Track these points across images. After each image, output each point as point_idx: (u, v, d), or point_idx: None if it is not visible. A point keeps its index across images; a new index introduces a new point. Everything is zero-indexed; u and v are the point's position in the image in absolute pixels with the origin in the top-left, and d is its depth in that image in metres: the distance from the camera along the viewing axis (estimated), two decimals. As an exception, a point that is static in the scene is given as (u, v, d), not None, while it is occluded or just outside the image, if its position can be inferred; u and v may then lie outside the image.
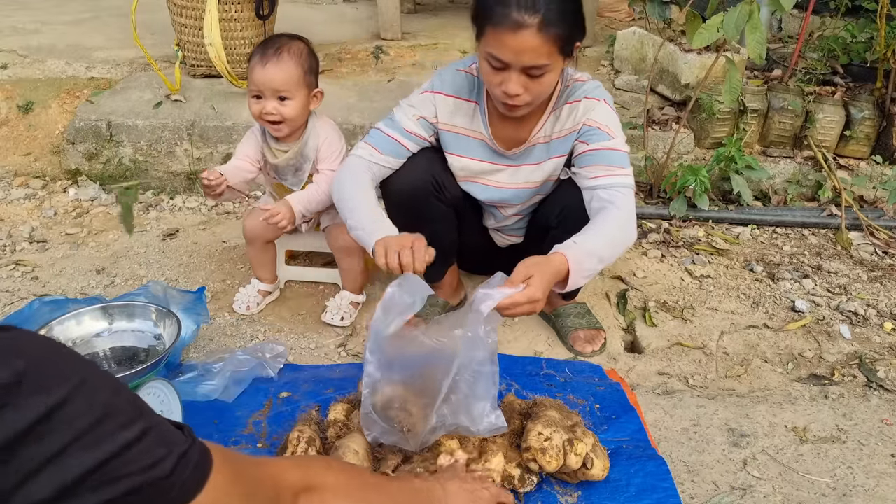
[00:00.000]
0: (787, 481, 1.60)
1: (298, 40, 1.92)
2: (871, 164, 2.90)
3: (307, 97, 1.93)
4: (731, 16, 2.16)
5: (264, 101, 1.88)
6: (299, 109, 1.91)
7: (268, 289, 2.21)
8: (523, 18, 1.47)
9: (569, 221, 1.79)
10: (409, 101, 1.83)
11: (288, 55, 1.86)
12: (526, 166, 1.85)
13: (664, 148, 2.79)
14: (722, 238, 2.66)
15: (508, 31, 1.48)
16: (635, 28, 3.32)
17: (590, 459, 1.46)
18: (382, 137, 1.80)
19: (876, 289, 2.38)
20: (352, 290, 2.16)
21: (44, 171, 2.98)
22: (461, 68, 1.81)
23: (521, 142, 1.82)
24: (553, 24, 1.48)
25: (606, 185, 1.69)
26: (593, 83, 1.77)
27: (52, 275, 2.35)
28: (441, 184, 1.84)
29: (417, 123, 1.80)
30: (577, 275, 1.50)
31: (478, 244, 2.12)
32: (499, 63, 1.55)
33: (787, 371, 1.99)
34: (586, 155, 1.74)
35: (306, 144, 1.98)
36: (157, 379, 1.56)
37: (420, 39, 3.90)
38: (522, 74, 1.55)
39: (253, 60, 1.88)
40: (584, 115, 1.73)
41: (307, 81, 1.90)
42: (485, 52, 1.57)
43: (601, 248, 1.58)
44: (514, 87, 1.56)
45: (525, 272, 1.43)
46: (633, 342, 2.13)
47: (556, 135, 1.78)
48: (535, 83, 1.57)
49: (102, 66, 3.35)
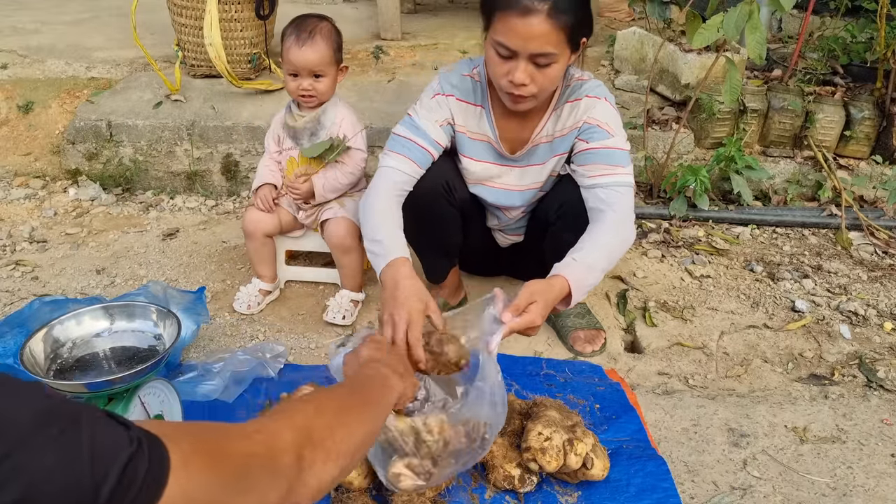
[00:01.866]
0: (787, 481, 1.60)
1: (326, 20, 2.05)
2: (871, 164, 2.90)
3: (336, 74, 2.08)
4: (731, 16, 2.16)
5: (300, 78, 2.03)
6: (330, 84, 2.07)
7: (268, 287, 2.22)
8: (533, 3, 1.47)
9: (568, 217, 1.80)
10: (425, 107, 1.80)
11: (320, 36, 1.99)
12: (532, 167, 1.85)
13: (664, 148, 2.79)
14: (722, 238, 2.66)
15: (518, 15, 1.49)
16: (635, 28, 3.32)
17: (590, 459, 1.46)
18: (414, 148, 1.76)
19: (876, 289, 2.38)
20: (351, 288, 2.16)
21: (44, 171, 2.98)
22: (466, 72, 1.80)
23: (525, 142, 1.82)
24: (562, 12, 1.49)
25: (605, 184, 1.69)
26: (594, 82, 1.77)
27: (52, 275, 2.35)
28: (451, 186, 1.85)
29: (441, 130, 1.79)
30: (578, 292, 1.53)
31: (480, 244, 2.12)
32: (506, 51, 1.54)
33: (787, 371, 1.99)
34: (586, 153, 1.74)
35: (324, 112, 2.10)
36: (157, 379, 1.55)
37: (420, 39, 3.90)
38: (530, 63, 1.55)
39: (288, 42, 2.01)
40: (584, 113, 1.73)
41: (336, 59, 2.06)
42: (492, 41, 1.56)
43: (601, 260, 1.59)
44: (520, 76, 1.55)
45: (528, 298, 1.45)
46: (633, 342, 2.13)
47: (558, 133, 1.79)
48: (541, 74, 1.57)
49: (102, 66, 3.35)
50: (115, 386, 1.44)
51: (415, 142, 1.76)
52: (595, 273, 1.57)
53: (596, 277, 1.58)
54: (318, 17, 2.05)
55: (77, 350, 1.59)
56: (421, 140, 1.77)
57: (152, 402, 1.53)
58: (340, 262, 2.14)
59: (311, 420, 0.91)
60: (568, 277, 1.51)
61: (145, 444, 0.65)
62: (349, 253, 2.10)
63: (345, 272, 2.15)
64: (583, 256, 1.55)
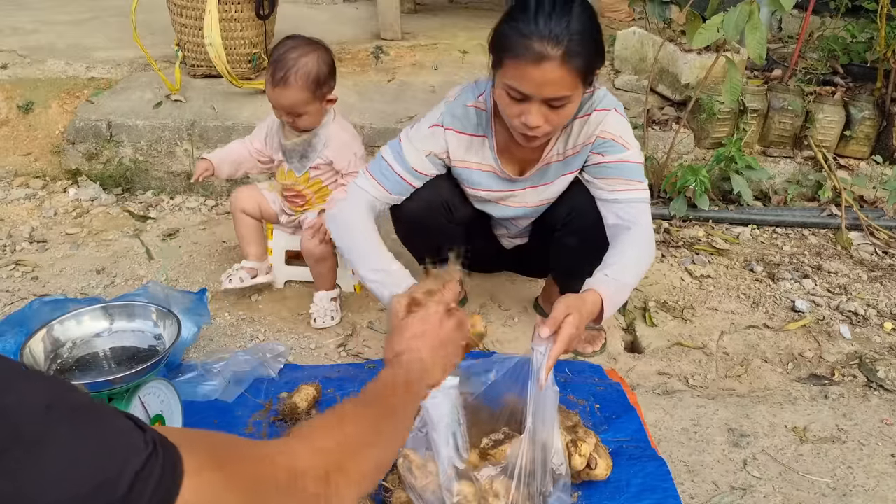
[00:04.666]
0: (787, 481, 1.60)
1: (310, 52, 1.92)
2: (871, 164, 2.90)
3: (320, 106, 2.00)
4: (731, 16, 2.16)
5: (280, 112, 1.99)
6: (313, 119, 2.01)
7: (253, 265, 2.20)
8: (546, 51, 1.41)
9: (575, 223, 1.80)
10: (418, 133, 1.75)
11: (295, 78, 1.89)
12: (544, 186, 1.83)
13: (664, 148, 2.79)
14: (722, 238, 2.66)
15: (531, 64, 1.43)
16: (635, 28, 3.32)
17: (594, 459, 1.46)
18: (390, 175, 1.74)
19: (876, 289, 2.38)
20: (327, 288, 2.17)
21: (44, 171, 2.98)
22: (470, 103, 1.74)
23: (535, 162, 1.78)
24: (576, 56, 1.43)
25: (625, 200, 1.68)
26: (601, 92, 1.72)
27: (52, 275, 2.35)
28: (451, 205, 1.82)
29: (426, 160, 1.75)
30: (610, 309, 1.52)
31: (484, 247, 2.11)
32: (519, 95, 1.49)
33: (787, 371, 1.99)
34: (603, 167, 1.72)
35: (316, 135, 2.05)
36: (157, 379, 1.55)
37: (420, 39, 3.90)
38: (543, 105, 1.50)
39: (267, 74, 1.95)
40: (596, 127, 1.70)
41: (318, 95, 1.95)
42: (504, 84, 1.51)
43: (632, 279, 1.59)
44: (534, 119, 1.50)
45: (564, 310, 1.42)
46: (633, 342, 2.13)
47: (570, 151, 1.75)
48: (555, 114, 1.52)
49: (102, 66, 3.35)
50: (115, 386, 1.44)
51: (395, 171, 1.74)
52: (626, 291, 1.58)
53: (625, 295, 1.59)
54: (303, 49, 1.92)
55: (77, 350, 1.59)
56: (400, 168, 1.73)
57: (152, 402, 1.53)
58: (317, 269, 2.14)
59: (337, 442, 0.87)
60: (602, 294, 1.49)
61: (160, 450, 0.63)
62: (325, 260, 2.11)
63: (320, 277, 2.15)
64: (615, 273, 1.54)
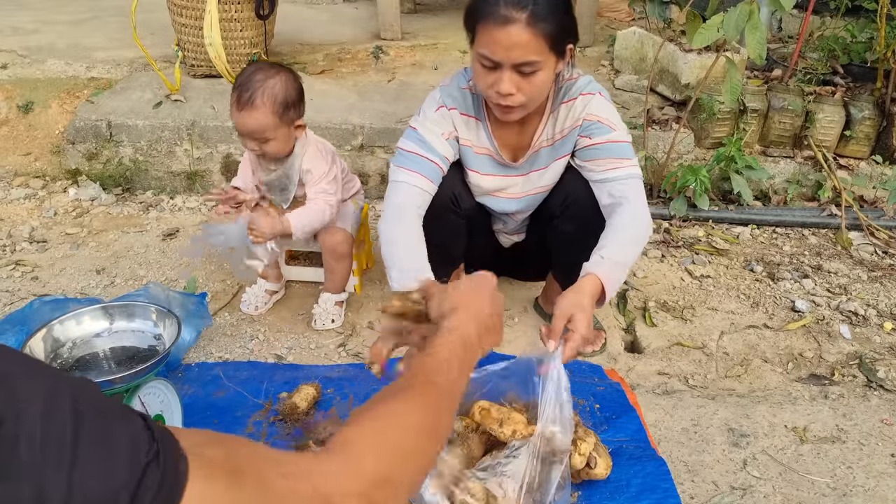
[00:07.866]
0: (787, 481, 1.60)
1: (277, 75, 1.85)
2: (871, 164, 2.90)
3: (288, 132, 1.92)
4: (731, 16, 2.16)
5: (247, 140, 1.90)
6: (280, 145, 1.92)
7: (274, 288, 2.23)
8: (511, 13, 1.48)
9: (571, 209, 1.81)
10: (429, 119, 1.76)
11: (261, 101, 1.82)
12: (535, 172, 1.85)
13: (664, 148, 2.79)
14: (722, 238, 2.66)
15: (498, 26, 1.49)
16: (635, 28, 3.32)
17: (594, 459, 1.46)
18: (425, 163, 1.72)
19: (876, 289, 2.38)
20: (335, 291, 2.16)
21: (44, 171, 2.98)
22: (463, 85, 1.78)
23: (526, 148, 1.81)
24: (542, 19, 1.49)
25: (616, 177, 1.70)
26: (585, 78, 1.77)
27: (52, 275, 2.35)
28: (458, 198, 1.84)
29: (447, 144, 1.76)
30: (611, 290, 1.52)
31: (483, 246, 2.12)
32: (490, 62, 1.55)
33: (787, 371, 1.99)
34: (591, 149, 1.75)
35: (291, 167, 2.00)
36: (157, 379, 1.55)
37: (420, 39, 3.90)
38: (514, 73, 1.55)
39: (232, 98, 1.86)
40: (582, 110, 1.74)
41: (285, 119, 1.88)
42: (477, 54, 1.57)
43: (628, 255, 1.60)
44: (506, 87, 1.55)
45: (567, 312, 1.43)
46: (633, 342, 2.13)
47: (558, 135, 1.79)
48: (526, 82, 1.56)
49: (102, 66, 3.35)
50: (115, 386, 1.44)
51: (425, 157, 1.73)
52: (624, 268, 1.58)
53: (624, 272, 1.59)
54: (269, 71, 1.86)
55: (77, 350, 1.59)
56: (430, 155, 1.73)
57: (152, 402, 1.53)
58: (332, 267, 2.13)
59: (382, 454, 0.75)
60: (600, 276, 1.51)
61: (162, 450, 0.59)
62: (342, 260, 2.10)
63: (334, 277, 2.15)
64: (610, 253, 1.56)
